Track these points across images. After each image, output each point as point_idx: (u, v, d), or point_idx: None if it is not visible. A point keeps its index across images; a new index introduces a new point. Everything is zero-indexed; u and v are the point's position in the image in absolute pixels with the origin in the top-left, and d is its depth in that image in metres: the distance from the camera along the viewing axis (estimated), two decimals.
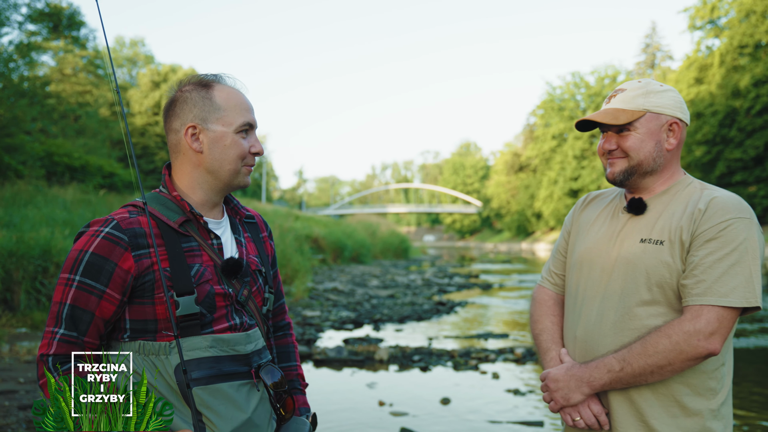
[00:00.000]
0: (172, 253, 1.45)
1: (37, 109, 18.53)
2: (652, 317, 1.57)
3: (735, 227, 1.52)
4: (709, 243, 1.52)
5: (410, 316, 10.91)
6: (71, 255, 1.43)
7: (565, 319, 1.77)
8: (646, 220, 1.65)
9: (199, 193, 1.54)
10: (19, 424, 4.59)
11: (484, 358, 7.42)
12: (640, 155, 1.64)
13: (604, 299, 1.64)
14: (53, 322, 1.40)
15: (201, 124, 1.50)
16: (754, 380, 6.70)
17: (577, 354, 1.68)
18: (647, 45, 63.63)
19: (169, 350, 1.42)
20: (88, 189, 17.05)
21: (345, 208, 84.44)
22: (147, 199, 1.51)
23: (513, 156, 77.77)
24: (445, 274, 21.75)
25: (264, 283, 1.62)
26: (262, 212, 23.58)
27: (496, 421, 5.12)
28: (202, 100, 1.50)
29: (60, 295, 1.40)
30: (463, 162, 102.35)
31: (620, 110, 1.66)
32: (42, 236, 8.34)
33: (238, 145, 1.51)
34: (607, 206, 1.79)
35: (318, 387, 6.33)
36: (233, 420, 1.42)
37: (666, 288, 1.57)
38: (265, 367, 1.52)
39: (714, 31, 45.42)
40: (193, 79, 1.55)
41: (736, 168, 41.80)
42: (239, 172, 1.54)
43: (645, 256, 1.59)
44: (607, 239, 1.69)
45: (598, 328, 1.63)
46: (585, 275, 1.71)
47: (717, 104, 41.80)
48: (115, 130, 33.20)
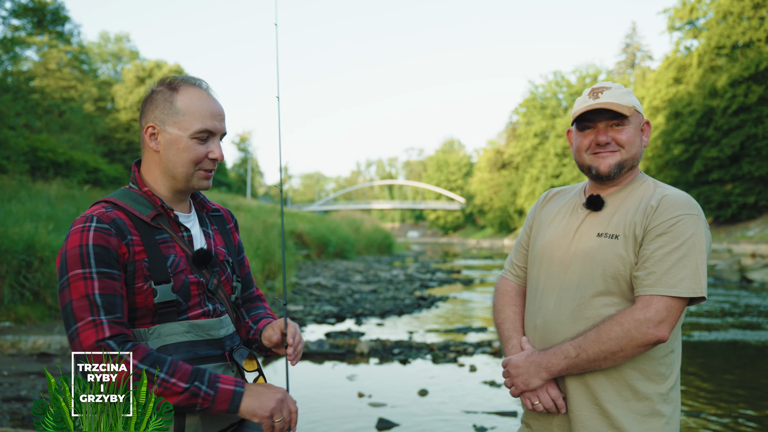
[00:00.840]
0: (147, 244, 1.50)
1: (21, 104, 18.41)
2: (606, 307, 1.65)
3: (684, 223, 1.60)
4: (660, 237, 1.60)
5: (392, 310, 11.06)
6: (74, 252, 1.43)
7: (526, 309, 1.85)
8: (603, 215, 1.74)
9: (163, 190, 1.60)
10: (2, 416, 4.67)
11: (462, 351, 7.58)
12: (633, 150, 1.73)
13: (562, 290, 1.72)
14: (90, 313, 1.40)
15: (159, 125, 1.55)
16: (697, 374, 6.93)
17: (537, 341, 1.76)
18: (627, 45, 64.29)
19: (148, 335, 1.49)
20: (73, 184, 16.98)
21: (330, 204, 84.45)
22: (117, 195, 1.57)
23: (496, 153, 78.34)
24: (427, 270, 21.92)
25: (232, 272, 1.71)
26: (247, 208, 23.61)
27: (472, 411, 5.27)
28: (164, 102, 1.55)
29: (83, 289, 1.41)
30: (447, 159, 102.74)
31: (618, 105, 1.70)
32: (26, 231, 8.36)
33: (192, 149, 1.55)
34: (567, 202, 1.87)
35: (299, 379, 6.45)
36: None
37: (620, 279, 1.64)
38: (238, 350, 1.62)
39: (692, 32, 46.08)
40: (167, 79, 1.60)
41: (712, 166, 42.49)
42: (193, 175, 1.58)
43: (601, 250, 1.67)
44: (565, 234, 1.78)
45: (556, 318, 1.71)
46: (545, 268, 1.79)
47: (695, 104, 42.44)
48: (99, 125, 32.97)
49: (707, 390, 6.04)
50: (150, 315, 1.50)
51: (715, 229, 43.10)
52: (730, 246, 33.11)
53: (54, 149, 19.73)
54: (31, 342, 6.95)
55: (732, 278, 17.43)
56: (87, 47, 43.93)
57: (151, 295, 1.48)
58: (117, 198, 1.56)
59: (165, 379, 1.40)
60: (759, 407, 5.41)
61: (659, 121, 47.33)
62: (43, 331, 7.45)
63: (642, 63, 63.34)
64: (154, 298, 1.48)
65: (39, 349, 6.88)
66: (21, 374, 5.88)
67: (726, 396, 5.80)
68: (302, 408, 5.37)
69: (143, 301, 1.49)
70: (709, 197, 43.24)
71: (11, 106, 16.71)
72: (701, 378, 6.59)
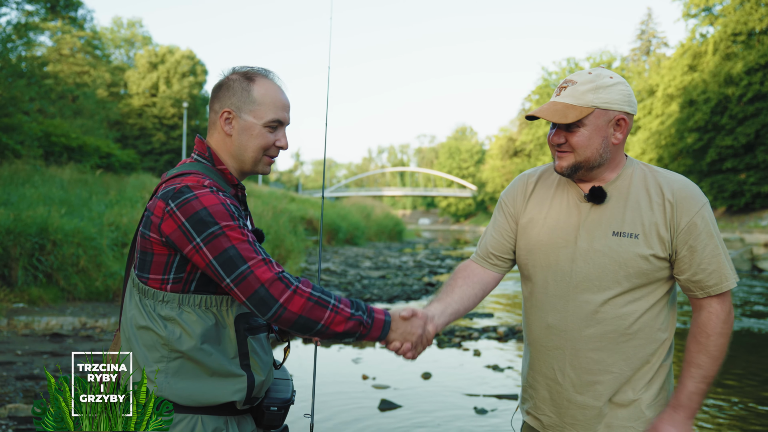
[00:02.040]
0: (239, 214, 1.56)
1: (35, 89, 18.58)
2: (629, 304, 1.66)
3: (706, 213, 1.65)
4: (697, 236, 1.64)
5: (399, 296, 11.16)
6: (218, 208, 1.48)
7: (534, 308, 1.79)
8: (611, 210, 1.68)
9: (230, 170, 1.69)
10: (16, 393, 4.81)
11: (467, 336, 7.66)
12: (587, 152, 1.66)
13: (575, 290, 1.68)
14: (257, 253, 1.47)
15: (235, 111, 1.64)
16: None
17: (551, 340, 1.73)
18: (643, 32, 63.53)
19: (231, 302, 1.55)
20: (86, 169, 17.17)
21: (341, 191, 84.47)
22: (201, 169, 1.63)
23: (508, 141, 77.87)
24: (437, 256, 22.03)
25: None
26: (258, 194, 23.73)
27: (473, 394, 5.35)
28: (242, 91, 1.65)
29: (241, 235, 1.47)
30: (459, 146, 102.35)
31: (569, 107, 1.65)
32: (39, 215, 8.50)
33: (263, 136, 1.66)
34: (558, 190, 1.79)
35: (304, 361, 6.56)
36: (267, 364, 1.64)
37: (643, 277, 1.65)
38: None
39: (708, 19, 45.43)
40: (243, 69, 1.69)
41: (726, 155, 42.06)
42: (260, 160, 1.68)
43: (621, 250, 1.64)
44: (571, 229, 1.71)
45: (573, 318, 1.68)
46: (552, 264, 1.73)
47: (710, 92, 41.92)
48: (112, 110, 33.22)
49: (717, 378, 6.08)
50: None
51: (728, 218, 42.73)
52: (743, 235, 32.83)
53: (67, 134, 19.92)
54: (44, 323, 7.12)
55: (743, 267, 17.37)
56: (100, 33, 44.16)
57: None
58: (203, 172, 1.61)
59: (336, 305, 1.50)
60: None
61: (673, 109, 46.80)
62: (55, 312, 7.61)
63: (657, 50, 62.59)
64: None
65: (52, 329, 7.05)
66: (34, 353, 6.03)
67: (736, 384, 5.83)
68: (306, 389, 5.47)
69: None
70: (722, 186, 42.82)
71: (25, 91, 16.87)
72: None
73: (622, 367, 1.68)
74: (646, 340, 1.68)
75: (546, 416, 1.78)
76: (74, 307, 8.06)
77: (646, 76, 56.70)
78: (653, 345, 1.69)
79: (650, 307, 1.68)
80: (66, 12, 30.24)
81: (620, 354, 1.67)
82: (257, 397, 1.62)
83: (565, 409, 1.73)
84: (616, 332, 1.66)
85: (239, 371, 1.55)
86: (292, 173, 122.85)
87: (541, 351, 1.77)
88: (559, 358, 1.72)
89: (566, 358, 1.71)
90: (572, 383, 1.71)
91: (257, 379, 1.58)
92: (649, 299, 1.67)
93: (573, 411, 1.71)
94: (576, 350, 1.69)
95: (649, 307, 1.67)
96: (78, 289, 8.40)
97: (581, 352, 1.68)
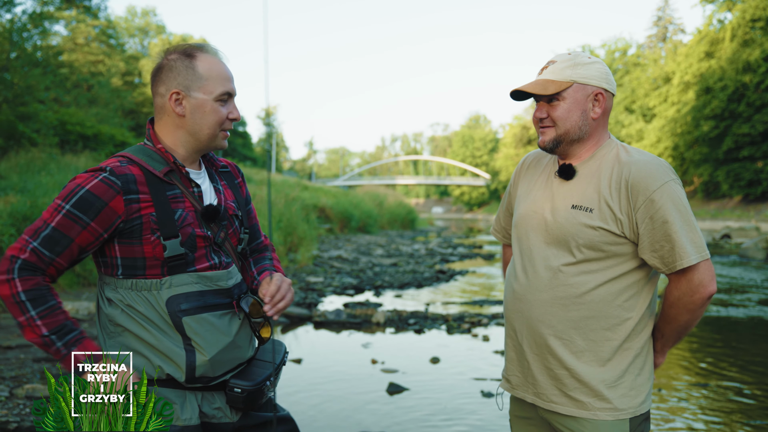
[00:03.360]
0: (157, 200, 1.60)
1: (50, 78, 18.73)
2: (581, 274, 1.74)
3: (665, 191, 1.67)
4: (649, 216, 1.68)
5: (410, 283, 11.21)
6: (69, 186, 1.56)
7: (507, 276, 1.96)
8: (575, 185, 1.78)
9: (180, 150, 1.70)
10: (33, 375, 4.93)
11: (477, 322, 7.70)
12: (567, 124, 1.75)
13: (538, 258, 1.79)
14: (32, 234, 1.53)
15: (184, 91, 1.64)
16: (721, 350, 6.93)
17: (513, 306, 1.86)
18: (659, 18, 62.67)
19: (160, 286, 1.59)
20: (100, 157, 17.32)
21: (354, 180, 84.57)
22: (133, 150, 1.67)
23: (522, 129, 77.40)
24: (449, 245, 22.05)
25: (240, 225, 1.81)
26: (271, 182, 23.87)
27: (481, 378, 5.39)
28: (186, 69, 1.64)
29: (48, 215, 1.54)
30: (472, 135, 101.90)
31: (549, 81, 1.76)
32: None
33: (217, 111, 1.66)
34: (544, 169, 1.92)
35: (315, 346, 6.65)
36: (218, 343, 1.63)
37: (596, 250, 1.72)
38: (244, 298, 1.71)
39: (726, 5, 44.69)
40: (179, 48, 1.68)
41: (743, 143, 41.53)
42: (216, 136, 1.70)
43: (575, 221, 1.73)
44: (542, 202, 1.83)
45: (534, 285, 1.79)
46: (524, 235, 1.86)
47: (726, 79, 41.32)
48: (126, 99, 33.42)
49: (731, 364, 6.08)
50: (159, 266, 1.60)
51: (744, 206, 42.23)
52: (759, 224, 32.46)
53: (82, 123, 20.10)
54: None
55: (757, 256, 17.24)
56: (114, 22, 44.34)
57: (159, 247, 1.58)
58: (133, 153, 1.65)
59: (33, 317, 1.50)
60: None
61: (689, 96, 46.18)
62: (71, 297, 7.75)
63: (674, 37, 61.71)
64: (164, 252, 1.58)
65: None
66: None
67: (751, 371, 5.83)
68: (316, 372, 5.57)
69: (151, 251, 1.59)
70: (738, 174, 42.30)
71: (41, 80, 17.02)
72: (725, 354, 6.62)
73: (572, 335, 1.75)
74: (600, 314, 1.73)
75: (514, 376, 1.90)
76: (90, 292, 8.20)
77: (662, 63, 55.94)
78: (610, 321, 1.73)
79: (607, 281, 1.73)
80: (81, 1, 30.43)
81: (570, 322, 1.75)
82: (209, 376, 1.64)
83: (527, 370, 1.84)
84: (565, 299, 1.75)
85: (177, 349, 1.60)
86: (305, 162, 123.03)
87: (508, 315, 1.90)
88: (519, 320, 1.84)
89: (524, 320, 1.82)
90: (528, 345, 1.82)
91: (198, 358, 1.60)
92: (606, 273, 1.73)
93: (533, 372, 1.82)
94: (530, 314, 1.80)
95: (606, 281, 1.73)
96: (93, 275, 8.55)
97: (534, 315, 1.79)
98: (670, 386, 5.31)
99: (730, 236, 24.69)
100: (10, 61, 15.77)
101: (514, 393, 1.91)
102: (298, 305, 8.46)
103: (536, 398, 1.82)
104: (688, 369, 5.93)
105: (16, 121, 15.40)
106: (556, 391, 1.77)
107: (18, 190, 9.60)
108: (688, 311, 1.72)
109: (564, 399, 1.76)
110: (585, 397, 1.73)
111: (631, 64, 61.24)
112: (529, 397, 1.85)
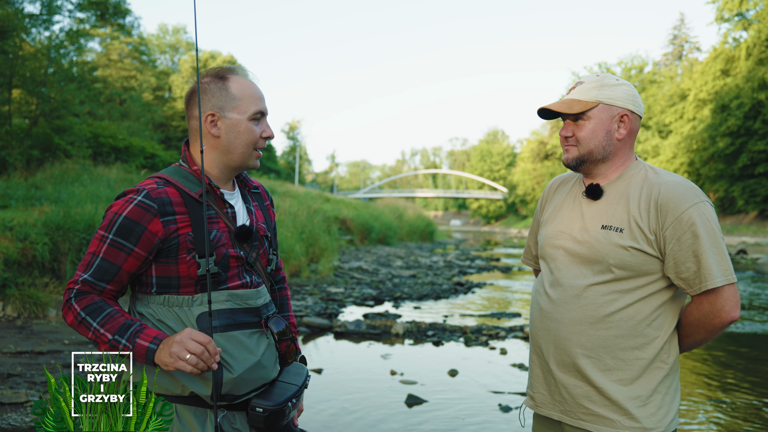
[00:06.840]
0: (194, 220, 1.64)
1: (85, 92, 19.22)
2: (611, 293, 1.74)
3: (693, 212, 1.67)
4: (679, 236, 1.67)
5: (429, 294, 11.27)
6: (108, 216, 1.61)
7: (534, 293, 1.94)
8: (605, 206, 1.78)
9: (215, 171, 1.73)
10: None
11: (494, 335, 7.73)
12: (591, 144, 1.78)
13: (567, 276, 1.79)
14: (84, 268, 1.61)
15: (219, 112, 1.68)
16: (740, 365, 6.86)
17: (542, 323, 1.85)
18: (675, 36, 62.34)
19: (191, 302, 1.62)
20: (131, 169, 17.73)
21: (375, 192, 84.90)
22: (169, 172, 1.70)
23: (539, 144, 77.36)
24: (467, 257, 22.08)
25: (269, 246, 1.84)
26: (294, 195, 24.13)
27: (498, 392, 5.43)
28: (219, 91, 1.68)
29: (94, 247, 1.60)
30: (491, 149, 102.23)
31: (575, 100, 1.79)
32: (87, 212, 8.87)
33: (251, 131, 1.70)
34: (570, 190, 1.93)
35: (335, 356, 6.75)
36: (245, 361, 1.64)
37: (628, 269, 1.72)
38: (273, 318, 1.74)
39: (742, 24, 44.40)
40: (211, 71, 1.72)
41: (759, 159, 41.27)
42: (250, 155, 1.72)
43: (606, 241, 1.73)
44: (570, 222, 1.83)
45: (563, 302, 1.79)
46: (552, 254, 1.86)
47: (743, 96, 41.05)
48: (157, 113, 34.15)
49: (748, 380, 6.03)
50: (193, 284, 1.64)
51: (759, 222, 41.65)
52: None
53: (114, 135, 20.59)
54: None
55: None
56: (146, 39, 45.43)
57: (194, 266, 1.62)
58: (169, 175, 1.68)
59: (97, 329, 1.56)
60: None
61: (705, 113, 45.77)
62: None
63: (690, 55, 61.21)
64: (197, 270, 1.62)
65: None
66: (80, 343, 6.37)
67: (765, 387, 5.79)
68: (336, 384, 5.66)
69: (186, 270, 1.62)
70: (754, 191, 41.84)
71: (76, 94, 17.49)
72: (743, 369, 6.56)
73: (601, 354, 1.74)
74: (630, 333, 1.73)
75: (539, 394, 1.88)
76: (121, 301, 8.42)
77: (678, 80, 55.53)
78: (639, 339, 1.73)
79: (638, 301, 1.73)
80: (115, 19, 31.36)
81: (598, 340, 1.74)
82: (234, 394, 1.64)
83: (554, 387, 1.82)
84: (594, 317, 1.74)
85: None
86: (328, 174, 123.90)
87: (534, 333, 1.89)
88: (546, 338, 1.83)
89: (551, 338, 1.81)
90: (556, 363, 1.81)
91: (226, 375, 1.60)
92: (637, 293, 1.73)
93: (560, 389, 1.81)
94: (558, 332, 1.79)
95: (637, 300, 1.73)
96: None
97: (563, 333, 1.78)
98: (689, 402, 5.29)
99: (746, 252, 24.27)
100: (47, 76, 16.29)
101: (538, 411, 1.89)
102: (319, 315, 8.59)
103: (563, 416, 1.81)
104: (707, 385, 5.90)
105: (52, 134, 15.87)
106: (584, 408, 1.76)
107: (52, 200, 9.91)
108: (706, 332, 1.73)
109: (592, 417, 1.74)
110: (614, 415, 1.72)
111: (648, 81, 60.74)
112: (556, 415, 1.83)
